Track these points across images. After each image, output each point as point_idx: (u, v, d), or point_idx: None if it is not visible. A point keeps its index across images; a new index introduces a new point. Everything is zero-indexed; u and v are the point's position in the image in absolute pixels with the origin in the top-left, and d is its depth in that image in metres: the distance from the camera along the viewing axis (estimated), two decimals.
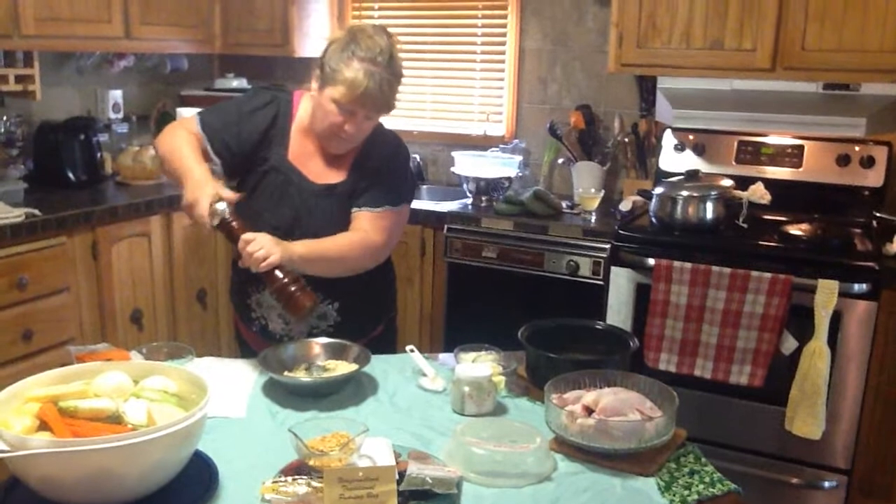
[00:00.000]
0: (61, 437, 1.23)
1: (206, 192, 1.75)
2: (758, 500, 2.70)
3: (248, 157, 1.97)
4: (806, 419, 2.54)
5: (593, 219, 3.14)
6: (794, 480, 2.71)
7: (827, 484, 2.67)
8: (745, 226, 2.84)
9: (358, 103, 1.84)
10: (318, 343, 1.89)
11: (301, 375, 1.78)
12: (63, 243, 2.84)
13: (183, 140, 1.90)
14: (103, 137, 3.58)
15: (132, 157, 3.51)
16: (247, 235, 1.74)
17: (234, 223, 1.77)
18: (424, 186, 3.79)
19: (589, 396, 1.55)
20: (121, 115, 3.76)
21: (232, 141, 1.94)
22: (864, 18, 2.69)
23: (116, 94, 3.74)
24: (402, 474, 1.35)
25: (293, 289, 1.73)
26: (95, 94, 3.70)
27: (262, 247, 1.72)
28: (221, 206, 1.75)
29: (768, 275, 2.54)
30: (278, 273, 1.74)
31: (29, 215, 2.74)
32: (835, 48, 2.75)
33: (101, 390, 1.36)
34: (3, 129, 3.20)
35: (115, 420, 1.31)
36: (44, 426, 1.27)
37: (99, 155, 3.44)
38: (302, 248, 1.82)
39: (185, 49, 3.75)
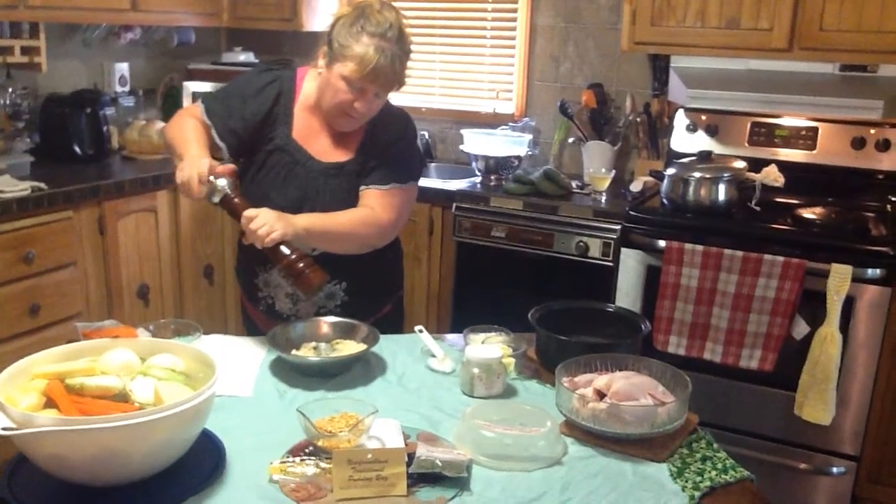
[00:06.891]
0: (68, 414, 1.21)
1: (199, 166, 1.71)
2: (765, 485, 2.66)
3: (253, 138, 1.95)
4: (816, 405, 2.53)
5: (604, 199, 3.11)
6: (803, 466, 2.70)
7: (835, 470, 2.66)
8: (757, 209, 2.80)
9: (368, 80, 1.81)
10: (327, 322, 1.87)
11: (309, 354, 1.77)
12: (69, 218, 2.82)
13: (188, 127, 1.90)
14: (110, 111, 3.55)
15: (138, 131, 3.48)
16: (248, 212, 1.71)
17: (236, 199, 1.74)
18: (433, 164, 3.75)
19: (601, 380, 1.53)
20: (127, 89, 3.73)
21: (237, 126, 1.93)
22: None
23: (123, 68, 3.70)
24: (410, 456, 1.34)
25: (301, 265, 1.70)
26: (102, 67, 3.67)
27: (264, 223, 1.69)
28: (222, 182, 1.72)
29: (781, 258, 2.51)
30: (284, 249, 1.71)
31: (35, 189, 2.72)
32: (853, 28, 2.69)
33: (109, 368, 1.35)
34: (8, 102, 3.18)
35: (122, 398, 1.30)
36: (50, 403, 1.26)
37: (105, 129, 3.41)
38: (306, 220, 1.80)
39: (193, 22, 3.70)
